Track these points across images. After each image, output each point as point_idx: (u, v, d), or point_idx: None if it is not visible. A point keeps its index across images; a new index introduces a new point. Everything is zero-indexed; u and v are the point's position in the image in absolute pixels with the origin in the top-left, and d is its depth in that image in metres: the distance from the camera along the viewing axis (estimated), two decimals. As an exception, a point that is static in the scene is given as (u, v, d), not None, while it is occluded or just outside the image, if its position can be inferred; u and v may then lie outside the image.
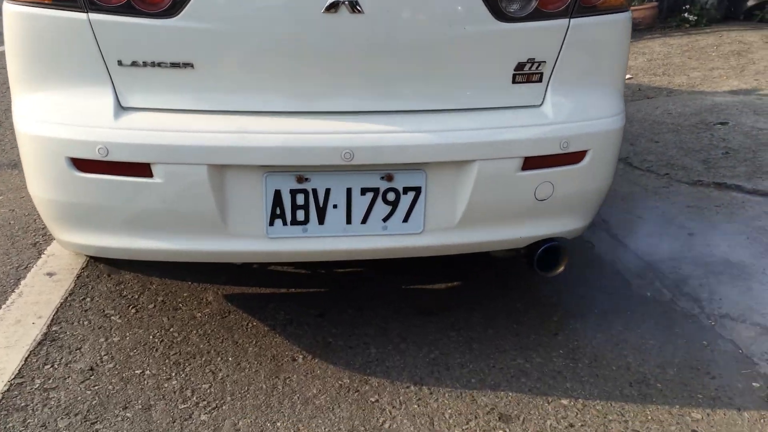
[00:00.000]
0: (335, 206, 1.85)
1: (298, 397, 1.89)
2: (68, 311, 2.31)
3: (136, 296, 2.41)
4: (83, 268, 2.60)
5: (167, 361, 2.04)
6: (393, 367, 2.04)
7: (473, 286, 2.53)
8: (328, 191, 1.84)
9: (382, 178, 1.85)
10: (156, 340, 2.15)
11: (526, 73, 1.91)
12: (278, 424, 1.78)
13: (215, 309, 2.34)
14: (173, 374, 1.98)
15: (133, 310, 2.32)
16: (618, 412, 1.85)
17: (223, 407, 1.84)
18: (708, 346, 2.17)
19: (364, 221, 1.88)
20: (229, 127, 1.76)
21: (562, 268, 2.08)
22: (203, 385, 1.93)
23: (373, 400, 1.89)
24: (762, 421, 1.82)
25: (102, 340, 2.15)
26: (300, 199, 1.83)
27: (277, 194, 1.82)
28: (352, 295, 2.44)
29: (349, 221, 1.87)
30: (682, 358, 2.11)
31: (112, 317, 2.28)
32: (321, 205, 1.85)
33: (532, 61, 1.89)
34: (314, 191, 1.83)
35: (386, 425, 1.79)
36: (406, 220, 1.89)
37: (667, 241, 2.93)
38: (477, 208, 1.90)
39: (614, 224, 3.13)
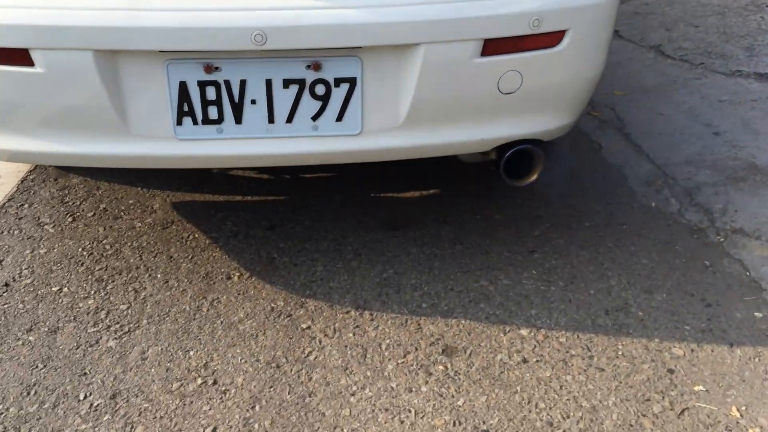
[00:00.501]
0: (254, 102, 1.55)
1: (222, 322, 1.68)
2: (1, 219, 2.12)
3: (78, 203, 2.21)
4: (30, 171, 2.40)
5: (90, 277, 1.85)
6: (337, 289, 1.80)
7: (450, 196, 2.23)
8: (243, 83, 1.54)
9: (308, 67, 1.53)
10: (85, 253, 1.95)
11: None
12: (191, 353, 1.58)
13: (158, 218, 2.12)
14: (92, 292, 1.79)
15: (70, 219, 2.12)
16: (584, 346, 1.58)
17: (136, 332, 1.65)
18: (710, 267, 1.85)
19: (289, 120, 1.58)
20: (118, 3, 1.45)
21: (534, 177, 1.75)
22: (121, 306, 1.74)
23: (304, 326, 1.66)
24: (756, 359, 1.52)
25: (28, 252, 1.96)
26: (211, 93, 1.54)
27: (183, 87, 1.53)
28: (314, 205, 2.18)
29: (271, 120, 1.57)
30: (676, 281, 1.80)
31: (46, 226, 2.08)
32: (236, 100, 1.55)
33: None
34: (227, 83, 1.53)
35: (311, 357, 1.56)
36: (340, 118, 1.58)
37: (687, 142, 2.54)
38: (425, 104, 1.57)
39: (630, 122, 2.74)
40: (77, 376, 1.51)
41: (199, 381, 1.50)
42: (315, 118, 1.58)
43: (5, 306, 1.75)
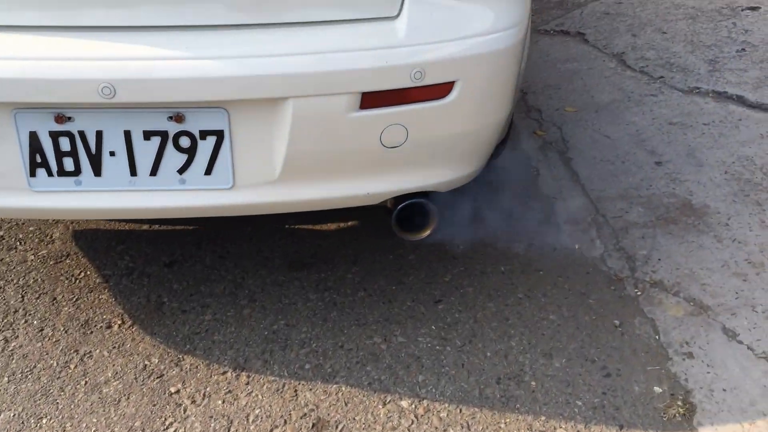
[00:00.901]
0: (113, 153, 1.43)
1: (86, 383, 1.57)
2: None
3: (-25, 230, 2.10)
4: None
5: (-38, 322, 1.74)
6: (220, 343, 1.69)
7: (368, 230, 2.11)
8: (100, 134, 1.41)
9: (170, 118, 1.40)
10: (-35, 292, 1.85)
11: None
12: (44, 421, 1.48)
13: (54, 250, 2.00)
14: (-40, 342, 1.69)
15: (-39, 250, 2.01)
16: (464, 423, 1.47)
17: (-7, 392, 1.55)
18: (620, 327, 1.74)
19: (153, 173, 1.45)
20: (-47, 50, 1.33)
21: (427, 233, 1.64)
22: (-15, 360, 1.64)
23: (173, 390, 1.56)
24: (644, 448, 1.42)
25: None
26: (65, 144, 1.42)
27: (34, 137, 1.40)
28: (221, 237, 2.07)
29: (134, 173, 1.45)
30: (580, 343, 1.69)
31: (-66, 258, 1.97)
32: (93, 151, 1.43)
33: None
34: (81, 134, 1.41)
35: (170, 429, 1.46)
36: (209, 172, 1.46)
37: (627, 172, 2.41)
38: (301, 158, 1.45)
39: (574, 145, 2.61)
40: None
41: (44, 457, 1.40)
42: (182, 171, 1.46)
43: None
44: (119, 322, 1.75)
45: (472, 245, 2.04)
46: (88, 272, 1.92)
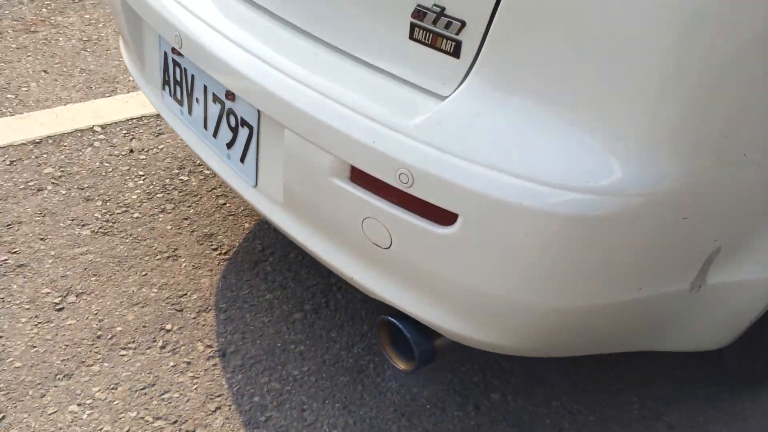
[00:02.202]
0: (197, 101, 1.48)
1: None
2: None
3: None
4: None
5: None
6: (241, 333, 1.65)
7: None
8: (193, 78, 1.47)
9: (227, 93, 1.36)
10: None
11: (429, 29, 1.03)
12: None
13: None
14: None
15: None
16: None
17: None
18: None
19: (215, 135, 1.46)
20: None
21: (404, 368, 1.23)
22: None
23: (168, 328, 1.62)
24: None
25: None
26: (177, 74, 1.53)
27: (165, 58, 1.56)
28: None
29: (205, 126, 1.48)
30: None
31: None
32: (189, 90, 1.50)
33: (440, 10, 1.00)
34: (185, 71, 1.50)
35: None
36: (242, 160, 1.39)
37: None
38: (294, 194, 1.26)
39: None
40: None
41: None
42: (229, 146, 1.42)
43: None
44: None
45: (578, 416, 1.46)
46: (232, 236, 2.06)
